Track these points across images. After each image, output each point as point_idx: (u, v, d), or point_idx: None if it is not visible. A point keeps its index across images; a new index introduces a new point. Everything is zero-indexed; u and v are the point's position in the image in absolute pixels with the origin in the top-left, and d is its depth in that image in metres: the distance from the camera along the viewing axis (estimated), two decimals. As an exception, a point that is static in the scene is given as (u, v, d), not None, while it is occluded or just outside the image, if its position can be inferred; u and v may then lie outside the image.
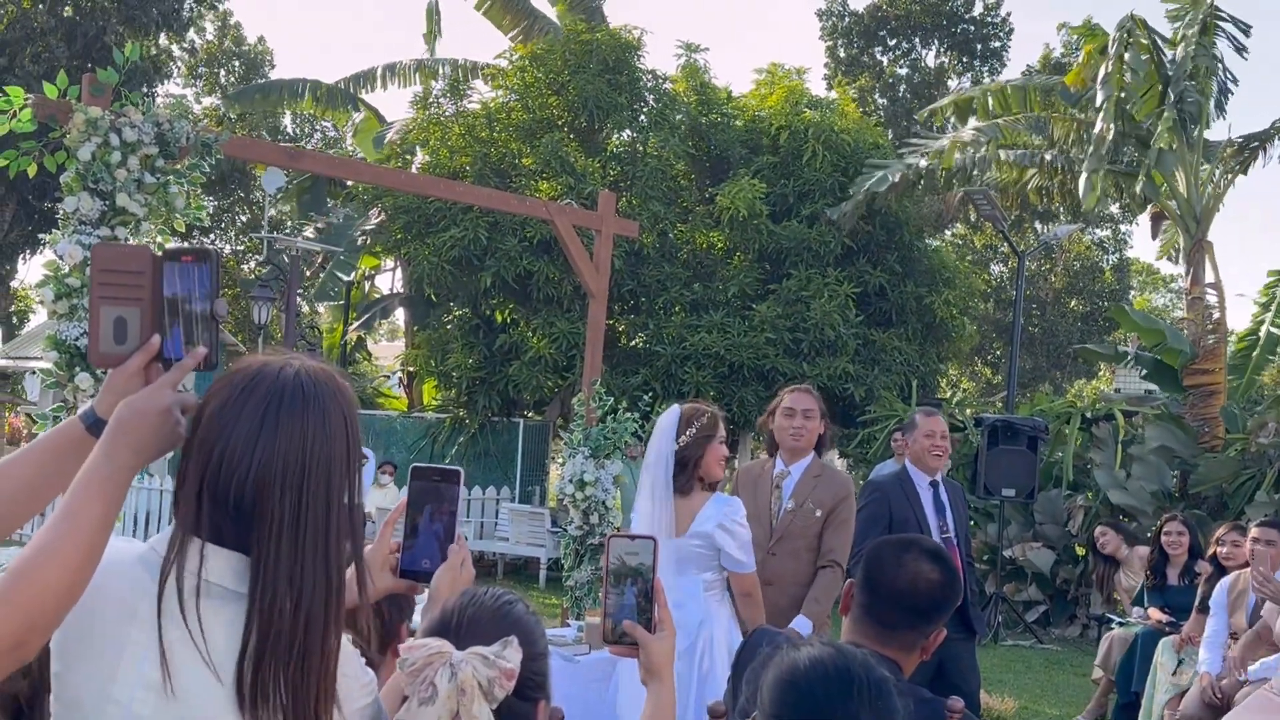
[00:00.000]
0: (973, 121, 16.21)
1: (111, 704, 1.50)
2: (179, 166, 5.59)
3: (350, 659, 1.63)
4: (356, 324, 23.71)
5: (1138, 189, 13.19)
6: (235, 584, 1.52)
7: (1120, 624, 8.59)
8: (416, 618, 2.14)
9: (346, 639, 1.61)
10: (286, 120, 30.31)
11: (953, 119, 17.36)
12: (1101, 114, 13.16)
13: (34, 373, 23.64)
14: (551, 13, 19.36)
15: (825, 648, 1.85)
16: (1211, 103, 13.55)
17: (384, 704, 1.69)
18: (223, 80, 31.09)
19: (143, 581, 1.54)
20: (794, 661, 1.82)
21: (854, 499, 5.12)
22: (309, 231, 23.09)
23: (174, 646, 1.48)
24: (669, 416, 4.51)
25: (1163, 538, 8.30)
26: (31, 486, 1.59)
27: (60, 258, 5.26)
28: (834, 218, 15.32)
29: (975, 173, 15.04)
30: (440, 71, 19.82)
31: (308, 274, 23.78)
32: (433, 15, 21.60)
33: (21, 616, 1.39)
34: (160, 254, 1.66)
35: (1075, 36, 22.08)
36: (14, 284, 29.65)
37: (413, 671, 1.64)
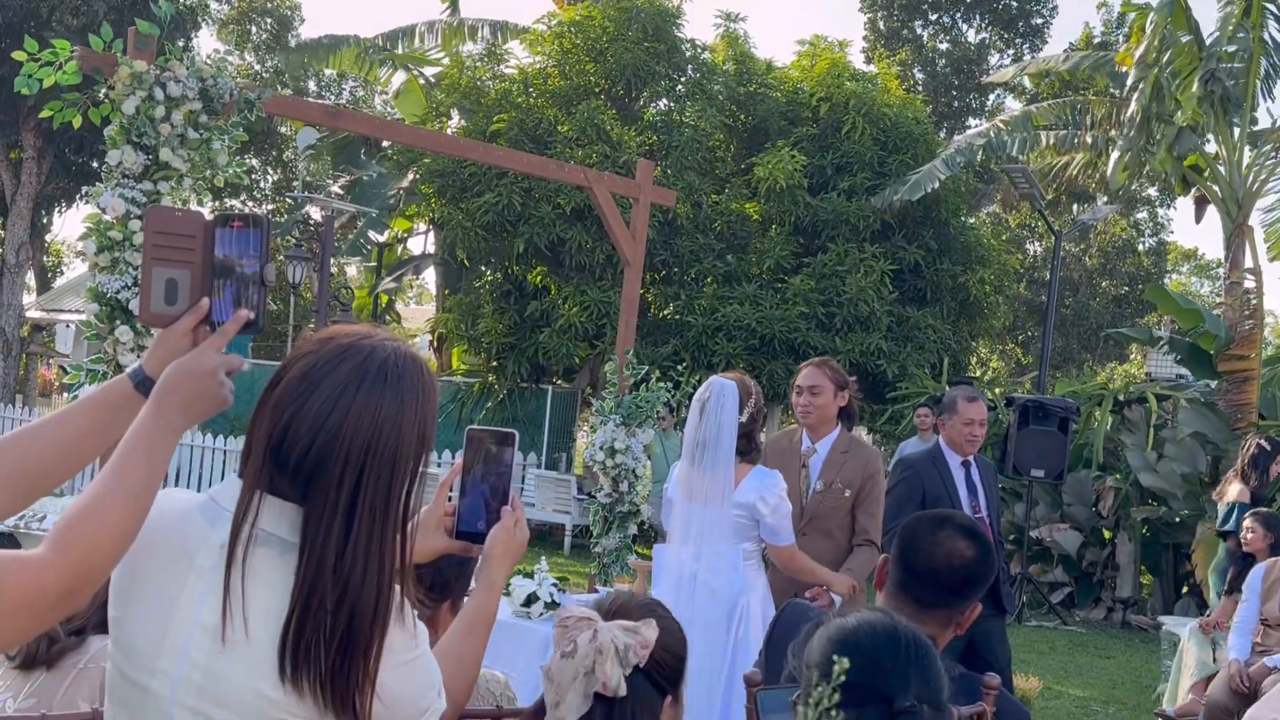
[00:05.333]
0: (1013, 103, 16.10)
1: (167, 648, 1.53)
2: (221, 123, 5.59)
3: (402, 613, 1.60)
4: (387, 279, 23.77)
5: (1154, 163, 13.04)
6: (290, 534, 1.53)
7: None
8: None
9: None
10: (311, 84, 30.23)
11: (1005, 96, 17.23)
12: (1136, 94, 13.01)
13: (67, 325, 23.92)
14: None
15: (873, 612, 1.87)
16: (1258, 85, 13.34)
17: (436, 661, 1.67)
18: (254, 38, 31.01)
19: (201, 529, 1.56)
20: (843, 624, 1.86)
21: (881, 476, 5.13)
22: (339, 186, 23.06)
23: (232, 594, 1.50)
24: (728, 389, 4.49)
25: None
26: (79, 441, 1.62)
27: (103, 210, 5.29)
28: (877, 205, 15.25)
29: (1016, 154, 14.93)
30: (480, 33, 19.66)
31: (338, 228, 23.74)
32: None
33: (70, 568, 1.43)
34: (212, 219, 1.69)
35: (1120, 14, 21.82)
36: (49, 237, 29.76)
37: (562, 626, 1.86)
